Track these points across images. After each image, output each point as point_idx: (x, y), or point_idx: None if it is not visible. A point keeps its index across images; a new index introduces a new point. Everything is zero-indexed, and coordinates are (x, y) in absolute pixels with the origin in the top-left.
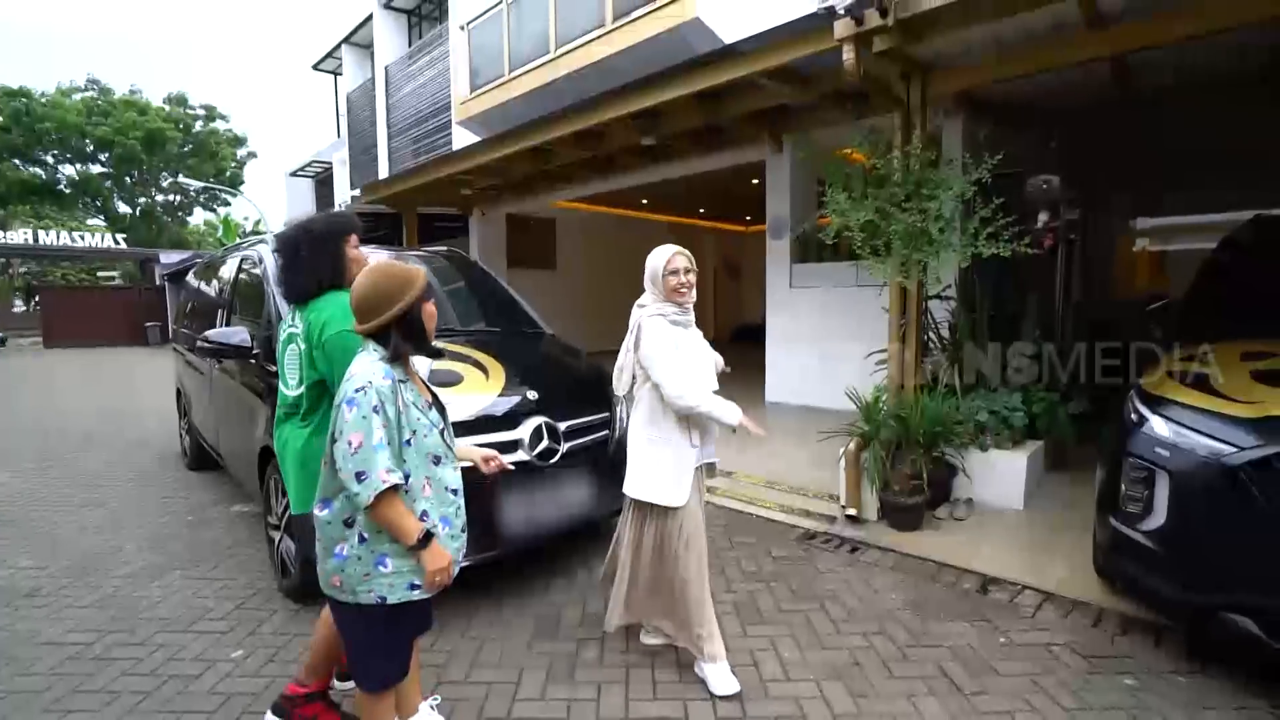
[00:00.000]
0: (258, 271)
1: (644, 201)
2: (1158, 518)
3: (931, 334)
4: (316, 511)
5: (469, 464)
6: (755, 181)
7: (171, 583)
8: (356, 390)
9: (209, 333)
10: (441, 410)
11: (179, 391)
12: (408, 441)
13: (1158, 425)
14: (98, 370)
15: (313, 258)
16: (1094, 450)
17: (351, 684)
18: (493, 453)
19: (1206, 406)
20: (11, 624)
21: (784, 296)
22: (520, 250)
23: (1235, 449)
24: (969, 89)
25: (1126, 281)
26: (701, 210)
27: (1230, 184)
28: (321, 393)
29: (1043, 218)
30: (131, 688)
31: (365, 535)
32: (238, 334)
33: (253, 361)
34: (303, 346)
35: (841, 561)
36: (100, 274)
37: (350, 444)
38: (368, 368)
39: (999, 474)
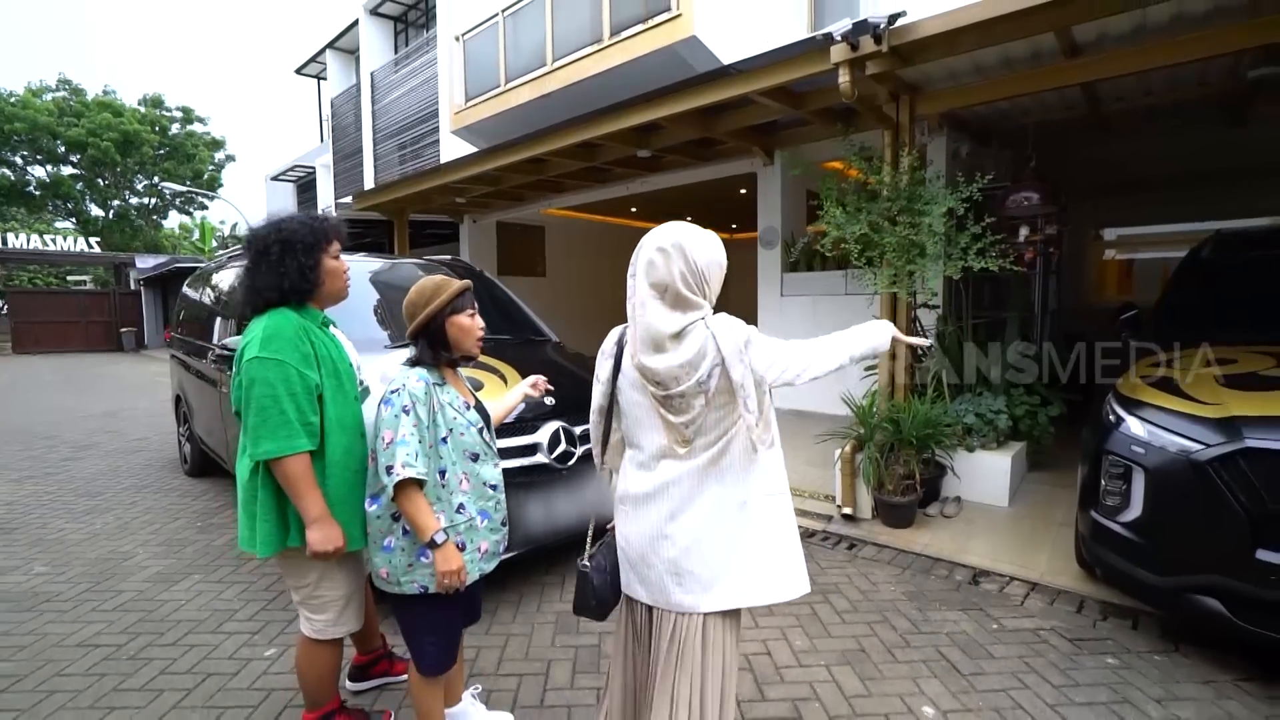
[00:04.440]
0: None
1: (633, 210)
2: (1134, 510)
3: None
4: (366, 507)
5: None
6: (744, 191)
7: (192, 586)
8: (392, 391)
9: (227, 340)
10: (482, 411)
11: (178, 399)
12: (444, 439)
13: (1133, 425)
14: (75, 377)
15: (282, 262)
16: (1071, 450)
17: (364, 684)
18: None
19: (1177, 408)
20: (39, 627)
21: (775, 304)
22: (511, 257)
23: (1203, 446)
24: (952, 109)
25: (1100, 291)
26: (689, 219)
27: (1193, 199)
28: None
29: (1023, 232)
30: (172, 685)
31: (409, 528)
32: None
33: None
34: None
35: (841, 558)
36: (70, 278)
37: (384, 440)
38: (404, 371)
39: (985, 473)
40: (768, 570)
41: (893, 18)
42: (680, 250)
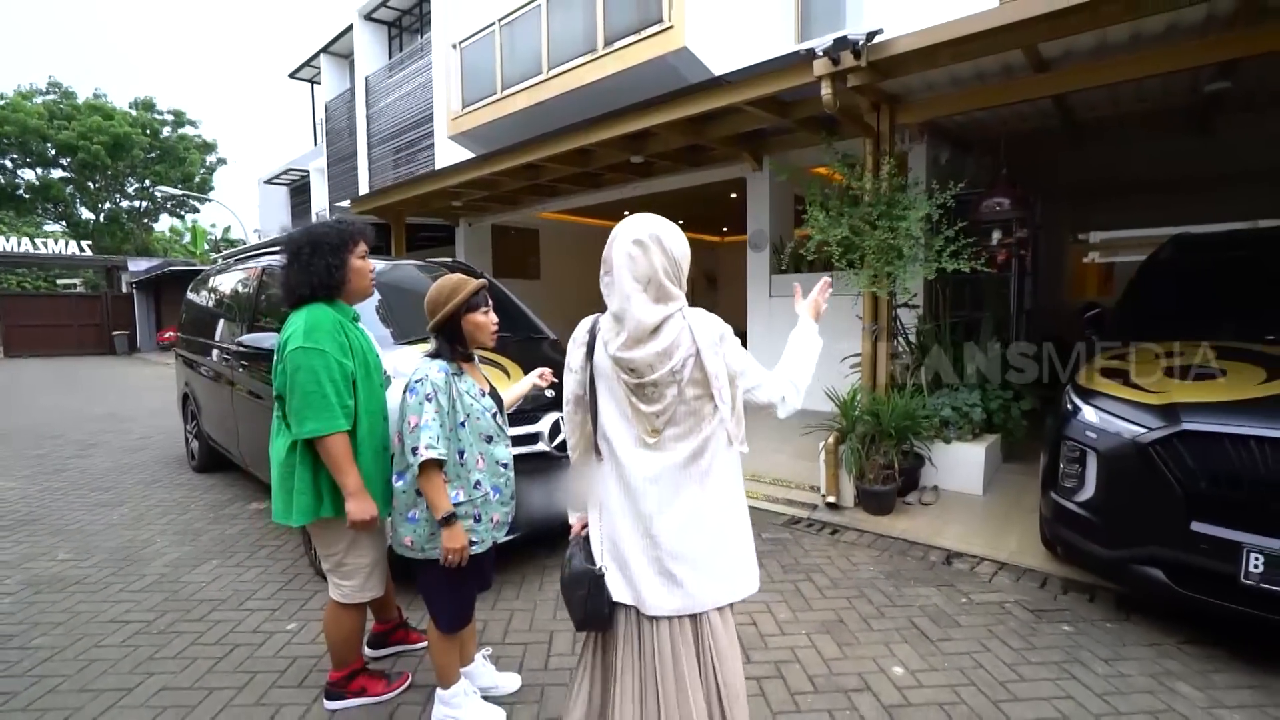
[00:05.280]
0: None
1: (626, 214)
2: (1088, 490)
3: (900, 339)
4: (394, 482)
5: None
6: (734, 196)
7: (211, 570)
8: (416, 381)
9: (244, 337)
10: (496, 398)
11: (185, 397)
12: (463, 423)
13: (1088, 413)
14: (71, 380)
15: (310, 261)
16: (1043, 442)
17: (382, 651)
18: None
19: (1126, 396)
20: (71, 606)
21: (764, 305)
22: (505, 260)
23: (1146, 430)
24: (931, 119)
25: (1078, 291)
26: (681, 222)
27: (1166, 204)
28: (285, 408)
29: (996, 235)
30: (203, 654)
31: None
32: (269, 339)
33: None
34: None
35: (824, 542)
36: (60, 281)
37: (410, 424)
38: (426, 362)
39: (961, 463)
40: (744, 565)
41: (871, 35)
42: (658, 242)
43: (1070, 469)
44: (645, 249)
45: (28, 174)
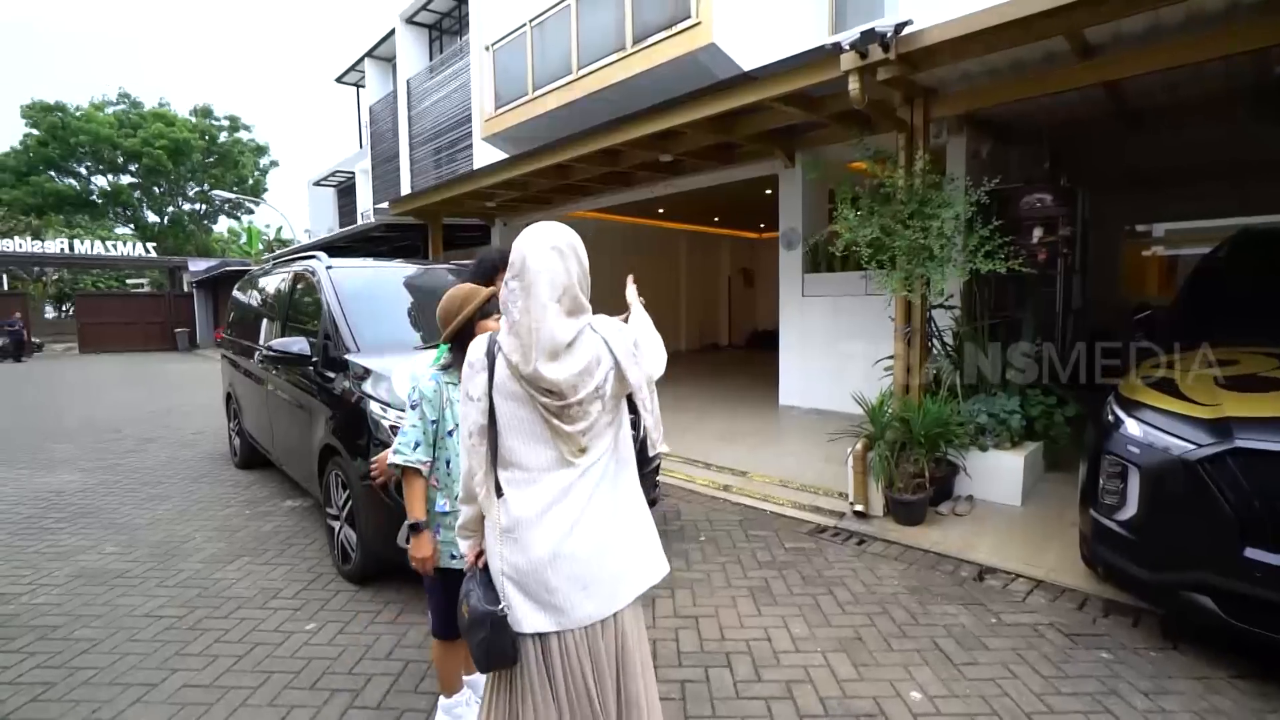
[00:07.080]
0: (314, 283)
1: (660, 211)
2: (1130, 508)
3: (935, 341)
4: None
5: None
6: (768, 192)
7: (242, 567)
8: (411, 389)
9: (273, 342)
10: None
11: (229, 396)
12: (450, 432)
13: (1131, 426)
14: (136, 375)
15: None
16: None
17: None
18: None
19: (1172, 409)
20: (113, 599)
21: (796, 305)
22: None
23: (1195, 446)
24: (969, 110)
25: (1137, 287)
26: (716, 219)
27: (1222, 194)
28: None
29: (1037, 234)
30: (225, 652)
31: (428, 511)
32: (297, 344)
33: (311, 368)
34: None
35: (849, 553)
36: (129, 281)
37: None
38: (421, 373)
39: (998, 473)
40: (653, 547)
41: (899, 26)
42: (574, 250)
43: (1111, 485)
44: (563, 257)
45: (100, 181)
